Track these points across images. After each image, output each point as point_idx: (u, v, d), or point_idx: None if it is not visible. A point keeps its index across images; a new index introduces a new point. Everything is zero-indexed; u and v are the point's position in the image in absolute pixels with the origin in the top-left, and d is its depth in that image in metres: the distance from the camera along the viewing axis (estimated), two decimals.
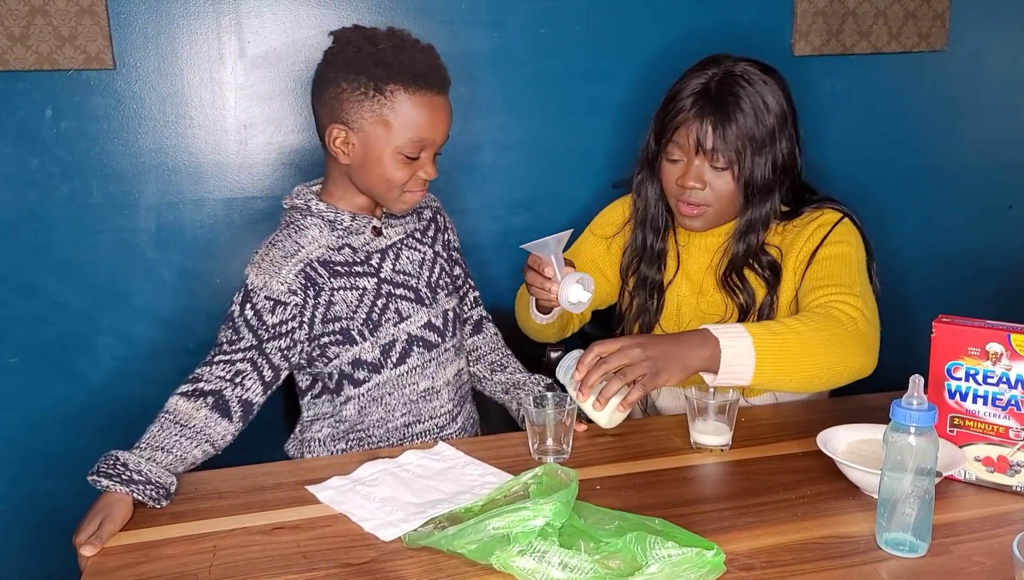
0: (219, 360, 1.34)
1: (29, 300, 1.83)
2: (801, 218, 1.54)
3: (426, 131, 1.36)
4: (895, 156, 2.27)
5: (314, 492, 1.21)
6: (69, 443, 1.89)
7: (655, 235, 1.61)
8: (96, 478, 1.16)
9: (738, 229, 1.53)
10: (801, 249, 1.51)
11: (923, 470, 1.03)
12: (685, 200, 1.50)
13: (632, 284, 1.64)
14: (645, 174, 1.59)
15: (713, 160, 1.46)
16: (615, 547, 1.01)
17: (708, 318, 1.57)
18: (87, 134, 1.79)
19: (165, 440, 1.24)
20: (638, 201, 1.62)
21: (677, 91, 1.50)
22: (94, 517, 1.12)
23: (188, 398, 1.30)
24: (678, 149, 1.49)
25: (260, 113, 1.87)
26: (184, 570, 1.04)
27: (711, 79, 1.47)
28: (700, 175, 1.48)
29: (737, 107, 1.44)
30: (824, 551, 1.05)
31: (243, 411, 1.33)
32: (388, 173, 1.37)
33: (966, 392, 1.21)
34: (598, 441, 1.39)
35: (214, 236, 1.89)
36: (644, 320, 1.61)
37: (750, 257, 1.52)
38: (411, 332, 1.46)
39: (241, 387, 1.33)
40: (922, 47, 2.22)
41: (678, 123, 1.47)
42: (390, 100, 1.34)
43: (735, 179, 1.47)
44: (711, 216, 1.52)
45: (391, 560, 1.05)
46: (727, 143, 1.44)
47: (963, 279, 2.36)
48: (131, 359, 1.90)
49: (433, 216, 1.58)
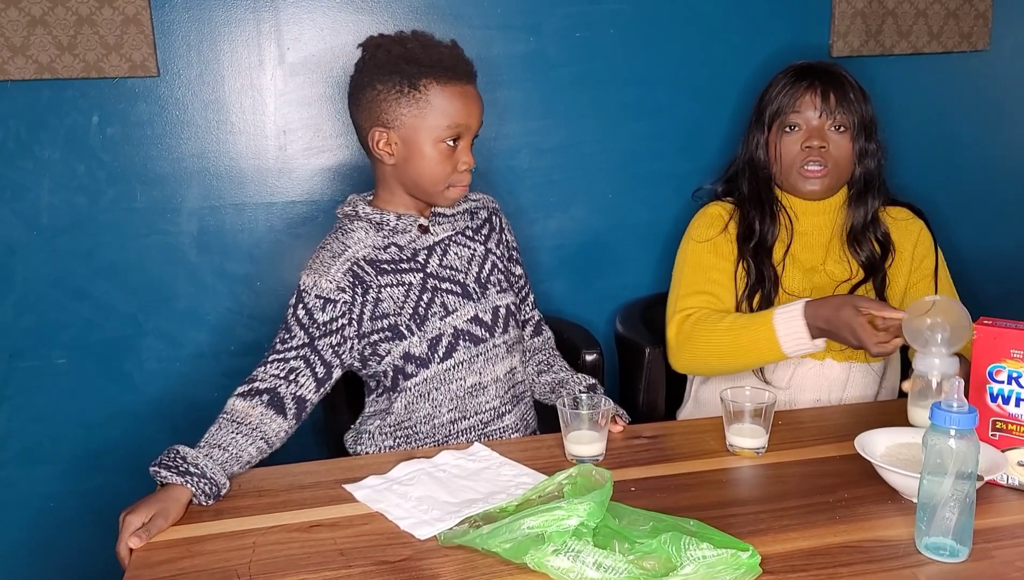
0: (273, 359, 1.40)
1: (79, 303, 1.88)
2: (894, 210, 1.71)
3: (461, 117, 1.42)
4: (938, 159, 2.24)
5: (351, 491, 1.23)
6: (115, 443, 1.94)
7: (770, 215, 1.66)
8: (157, 469, 1.22)
9: (854, 193, 1.66)
10: (914, 252, 1.68)
11: (964, 474, 1.01)
12: (811, 160, 1.61)
13: (750, 258, 1.64)
14: (754, 160, 1.69)
15: (835, 121, 1.61)
16: (650, 548, 1.01)
17: (834, 282, 1.65)
18: (131, 140, 1.83)
19: (222, 438, 1.29)
20: (748, 185, 1.69)
21: (779, 80, 1.66)
22: (148, 510, 1.15)
23: (244, 398, 1.35)
24: (798, 117, 1.62)
25: (299, 119, 1.90)
26: (225, 566, 1.06)
27: (810, 66, 1.65)
28: (823, 135, 1.61)
29: (847, 79, 1.64)
30: (862, 555, 1.04)
31: (297, 408, 1.38)
32: (431, 164, 1.43)
33: (1008, 395, 1.19)
34: (633, 443, 1.39)
35: (255, 240, 1.93)
36: (765, 290, 1.63)
37: (868, 220, 1.66)
38: (457, 326, 1.48)
39: (295, 384, 1.38)
40: (964, 47, 2.19)
41: (796, 96, 1.62)
42: (424, 93, 1.40)
43: (852, 140, 1.61)
44: (831, 180, 1.63)
45: (426, 558, 1.06)
46: (845, 106, 1.60)
47: (1005, 281, 2.31)
48: (175, 361, 1.94)
49: (489, 216, 1.61)
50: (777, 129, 1.64)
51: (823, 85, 1.61)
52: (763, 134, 1.67)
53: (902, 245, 1.67)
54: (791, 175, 1.64)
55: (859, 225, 1.66)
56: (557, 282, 2.07)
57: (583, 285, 2.09)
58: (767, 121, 1.66)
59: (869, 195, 1.65)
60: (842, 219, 1.67)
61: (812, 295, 1.59)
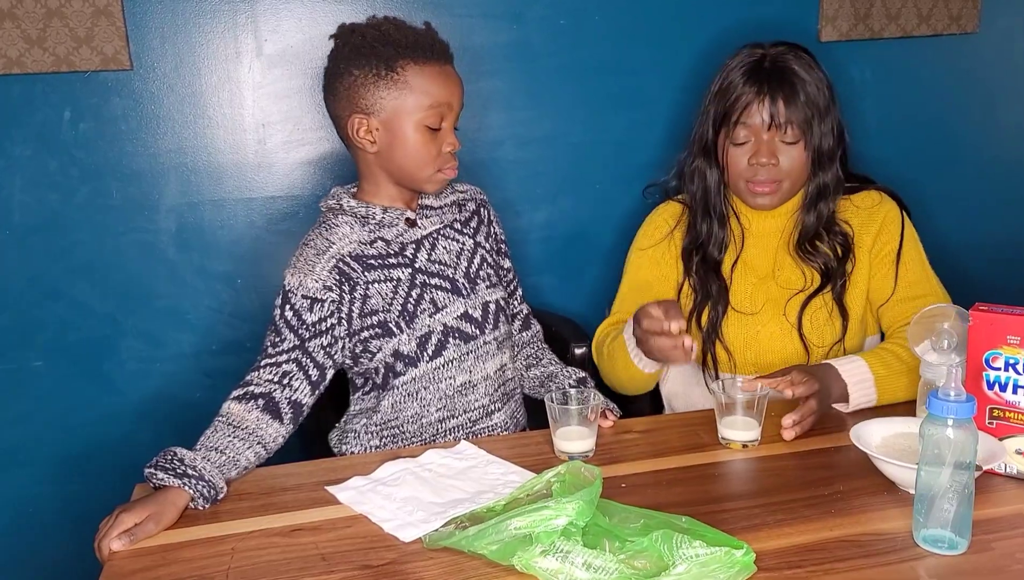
0: (265, 363, 1.37)
1: (55, 303, 1.84)
2: (860, 198, 1.58)
3: (442, 96, 1.38)
4: (927, 143, 2.21)
5: (334, 493, 1.20)
6: (96, 445, 1.90)
7: (718, 222, 1.59)
8: (152, 471, 1.18)
9: (808, 198, 1.55)
10: (876, 239, 1.54)
11: (962, 464, 0.99)
12: (759, 179, 1.51)
13: (696, 272, 1.60)
14: (701, 163, 1.59)
15: (784, 134, 1.49)
16: (641, 546, 0.98)
17: (788, 292, 1.55)
18: (106, 135, 1.79)
19: (219, 441, 1.25)
20: (696, 190, 1.60)
21: (728, 78, 1.52)
22: (143, 512, 1.12)
23: (240, 402, 1.32)
24: (746, 130, 1.50)
25: (278, 111, 1.86)
26: (202, 573, 1.03)
27: (761, 59, 1.51)
28: (773, 151, 1.49)
29: (798, 77, 1.48)
30: (859, 549, 1.01)
31: (293, 412, 1.35)
32: (416, 148, 1.39)
33: (1005, 382, 1.16)
34: (623, 438, 1.36)
35: (235, 236, 1.88)
36: (715, 305, 1.57)
37: (822, 226, 1.55)
38: (447, 323, 1.45)
39: (289, 388, 1.35)
40: (953, 29, 2.16)
41: (744, 104, 1.49)
42: (403, 75, 1.36)
43: (805, 149, 1.50)
44: (784, 191, 1.53)
45: (411, 561, 1.03)
46: (797, 114, 1.47)
47: (998, 267, 2.29)
48: (155, 361, 1.90)
49: (477, 209, 1.58)
50: (725, 136, 1.53)
51: (772, 91, 1.47)
52: (711, 133, 1.55)
53: (863, 237, 1.55)
54: (739, 187, 1.54)
55: (811, 229, 1.55)
56: (545, 275, 2.04)
57: (571, 278, 2.06)
58: (714, 122, 1.54)
59: (822, 202, 1.54)
60: (795, 223, 1.57)
61: (763, 310, 1.55)
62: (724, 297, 1.57)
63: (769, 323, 1.55)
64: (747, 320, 1.56)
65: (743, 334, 1.56)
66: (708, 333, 1.57)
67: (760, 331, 1.55)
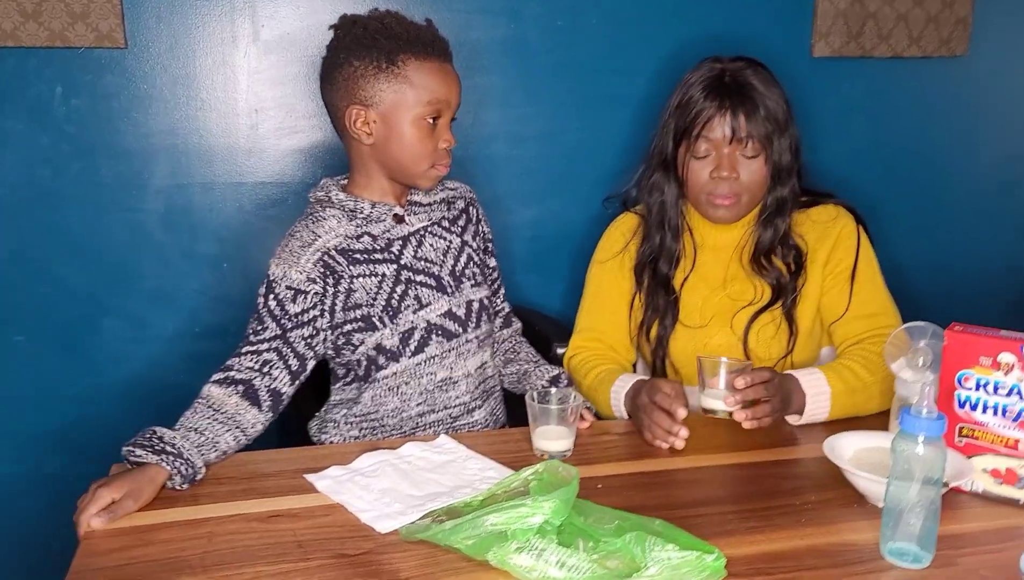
0: (247, 351, 1.37)
1: (39, 279, 1.83)
2: (817, 212, 1.58)
3: (441, 93, 1.39)
4: (911, 163, 2.24)
5: (312, 481, 1.21)
6: (73, 423, 1.89)
7: (672, 235, 1.60)
8: (131, 448, 1.18)
9: (765, 212, 1.55)
10: (831, 255, 1.54)
11: (930, 480, 1.01)
12: (719, 192, 1.51)
13: (646, 286, 1.62)
14: (660, 176, 1.59)
15: (745, 148, 1.49)
16: (614, 547, 0.99)
17: (737, 305, 1.56)
18: (98, 113, 1.78)
19: (198, 422, 1.26)
20: (653, 203, 1.61)
21: (689, 93, 1.52)
22: (121, 488, 1.12)
23: (220, 386, 1.32)
24: (707, 144, 1.50)
25: (272, 98, 1.86)
26: (179, 555, 1.03)
27: (721, 74, 1.51)
28: (733, 165, 1.50)
29: (758, 92, 1.48)
30: (827, 559, 1.03)
31: (272, 401, 1.35)
32: (412, 143, 1.39)
33: (976, 402, 1.19)
34: (601, 439, 1.37)
35: (223, 220, 1.89)
36: (663, 320, 1.59)
37: (776, 240, 1.55)
38: (430, 320, 1.45)
39: (269, 377, 1.35)
40: (943, 52, 2.19)
41: (705, 118, 1.49)
42: (403, 69, 1.37)
43: (765, 163, 1.50)
44: (743, 204, 1.53)
45: (387, 553, 1.04)
46: (758, 128, 1.48)
47: (973, 291, 2.33)
48: (137, 342, 1.90)
49: (466, 207, 1.58)
50: (685, 149, 1.52)
51: (733, 105, 1.47)
52: (670, 147, 1.55)
53: (817, 252, 1.55)
54: (699, 200, 1.54)
55: (767, 244, 1.55)
56: (531, 274, 2.05)
57: (557, 278, 2.07)
58: (674, 136, 1.54)
59: (778, 217, 1.54)
60: (749, 237, 1.57)
61: (712, 322, 1.56)
62: (673, 311, 1.58)
63: (716, 335, 1.56)
64: (695, 333, 1.57)
65: (690, 347, 1.56)
66: (656, 348, 1.59)
67: (707, 343, 1.55)
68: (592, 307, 1.65)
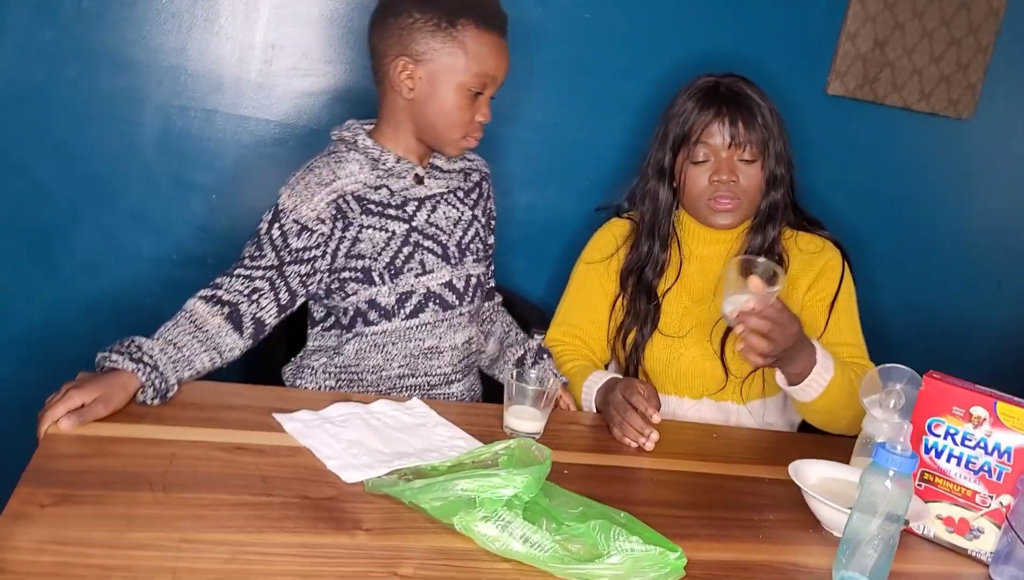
0: (239, 273, 1.34)
1: (16, 178, 1.77)
2: (804, 241, 1.62)
3: (491, 68, 1.38)
4: (904, 211, 2.29)
5: (281, 421, 1.19)
6: (34, 332, 1.83)
7: (660, 244, 1.61)
8: (106, 354, 1.15)
9: (759, 218, 1.59)
10: (813, 284, 1.58)
11: (893, 516, 1.03)
12: (720, 196, 1.53)
13: (630, 291, 1.63)
14: (654, 184, 1.61)
15: (743, 153, 1.52)
16: (577, 531, 1.00)
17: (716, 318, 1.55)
18: (108, 18, 1.73)
19: (178, 337, 1.23)
20: (646, 210, 1.62)
21: (686, 101, 1.56)
22: (93, 391, 1.09)
23: (207, 302, 1.29)
24: (706, 149, 1.53)
25: (290, 35, 1.82)
26: (138, 471, 1.01)
27: (716, 85, 1.55)
28: (732, 168, 1.53)
29: (754, 101, 1.53)
30: (780, 575, 1.05)
31: (254, 329, 1.32)
32: (452, 110, 1.38)
33: (941, 450, 1.21)
34: (571, 428, 1.38)
35: (220, 151, 1.84)
36: (642, 326, 1.60)
37: (764, 248, 1.57)
38: (430, 287, 1.44)
39: (256, 305, 1.33)
40: (950, 112, 2.24)
41: (704, 123, 1.52)
42: (461, 33, 1.35)
43: (762, 169, 1.54)
44: (742, 210, 1.56)
45: (350, 502, 1.03)
46: (755, 134, 1.52)
47: (946, 343, 2.38)
48: (111, 258, 1.84)
49: (480, 181, 1.57)
50: (684, 157, 1.56)
51: (731, 112, 1.51)
52: (667, 156, 1.58)
53: (799, 281, 1.58)
54: (700, 207, 1.57)
55: (754, 251, 1.57)
56: (517, 258, 2.04)
57: (542, 265, 2.07)
58: (672, 145, 1.57)
59: (770, 224, 1.58)
60: (738, 249, 1.60)
61: (690, 334, 1.57)
62: (653, 320, 1.59)
63: (692, 347, 1.57)
64: (672, 342, 1.58)
65: (665, 356, 1.58)
66: (631, 353, 1.60)
67: (683, 354, 1.57)
68: (574, 304, 1.66)
